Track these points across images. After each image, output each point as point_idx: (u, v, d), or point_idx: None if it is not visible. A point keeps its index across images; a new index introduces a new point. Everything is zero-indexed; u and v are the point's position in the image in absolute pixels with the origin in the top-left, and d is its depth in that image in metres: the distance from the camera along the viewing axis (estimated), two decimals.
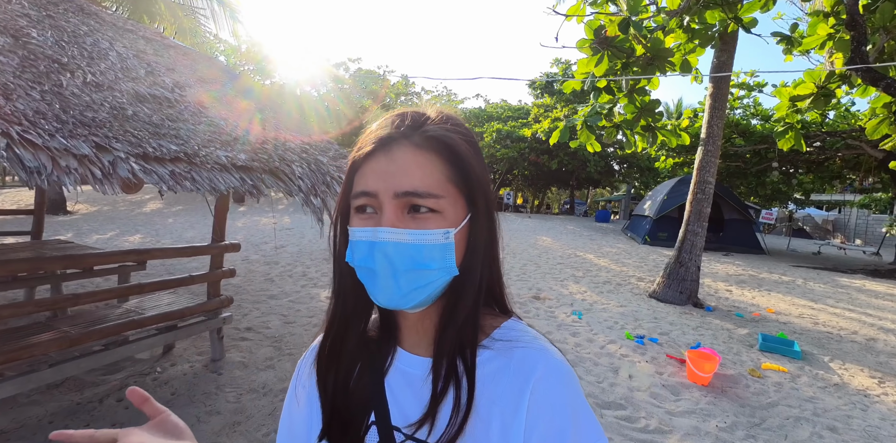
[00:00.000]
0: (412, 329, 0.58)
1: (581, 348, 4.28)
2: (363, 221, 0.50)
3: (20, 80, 1.60)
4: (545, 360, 0.52)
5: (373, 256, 0.48)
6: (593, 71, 5.50)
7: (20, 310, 2.22)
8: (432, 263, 0.49)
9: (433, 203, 0.48)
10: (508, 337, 0.55)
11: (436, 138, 0.50)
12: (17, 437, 2.52)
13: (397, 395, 0.55)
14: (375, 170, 0.49)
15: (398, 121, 0.52)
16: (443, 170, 0.50)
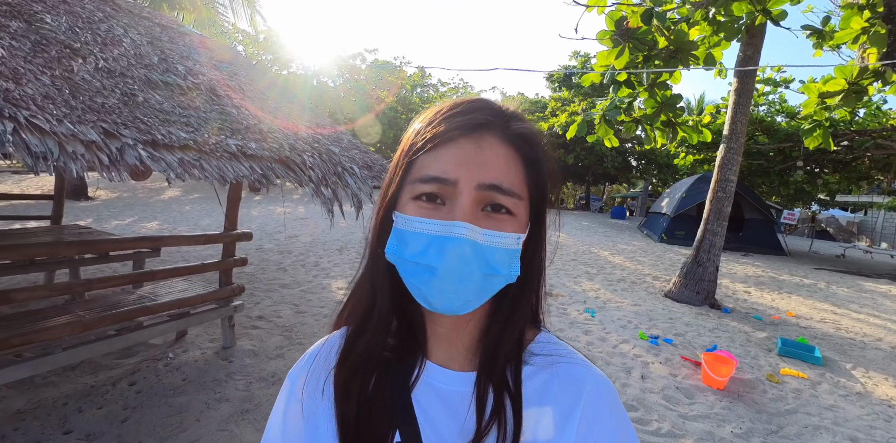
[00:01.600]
0: (444, 340, 0.53)
1: (593, 347, 4.22)
2: (427, 211, 0.45)
3: (31, 64, 1.59)
4: (593, 376, 0.51)
5: (442, 252, 0.42)
6: (613, 63, 5.35)
7: (35, 293, 2.25)
8: (501, 268, 0.45)
9: (513, 204, 0.45)
10: (547, 351, 0.53)
11: (523, 136, 0.47)
12: (33, 417, 2.57)
13: (429, 413, 0.50)
14: (458, 156, 0.44)
15: (487, 108, 0.48)
16: (522, 170, 0.47)
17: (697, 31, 5.67)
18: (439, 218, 0.44)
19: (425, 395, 0.51)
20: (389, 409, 0.50)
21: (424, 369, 0.52)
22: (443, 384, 0.51)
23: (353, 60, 20.99)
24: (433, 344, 0.53)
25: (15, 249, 2.36)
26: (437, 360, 0.53)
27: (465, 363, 0.52)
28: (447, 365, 0.52)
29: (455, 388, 0.51)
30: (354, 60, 21.04)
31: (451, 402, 0.50)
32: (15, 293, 2.11)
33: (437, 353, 0.53)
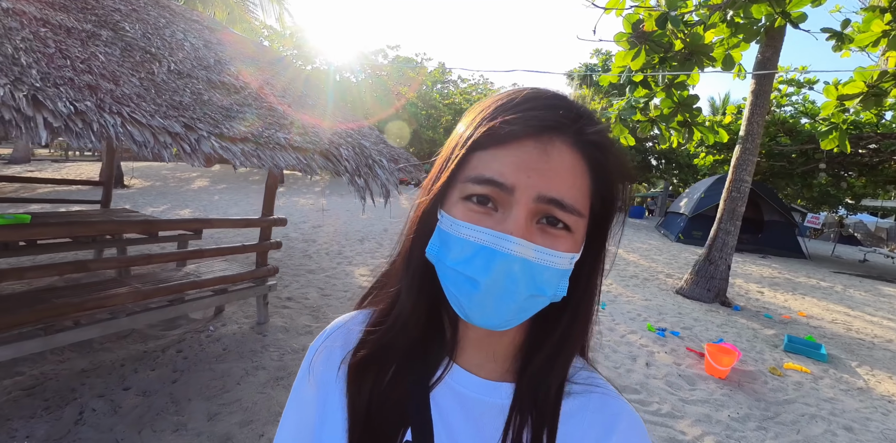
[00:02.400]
0: (474, 344, 0.50)
1: (601, 336, 4.42)
2: (477, 216, 0.41)
3: (123, 68, 1.89)
4: (628, 413, 0.49)
5: (488, 267, 0.39)
6: (630, 65, 5.49)
7: (106, 264, 2.59)
8: (548, 289, 0.41)
9: (573, 221, 0.41)
10: (582, 379, 0.50)
11: (597, 144, 0.42)
12: (95, 375, 2.92)
13: (446, 416, 0.48)
14: (520, 160, 0.40)
15: (561, 107, 0.42)
16: (589, 183, 0.42)
17: (714, 34, 5.74)
18: (489, 226, 0.40)
19: (445, 398, 0.49)
20: (405, 405, 0.48)
21: (450, 372, 0.49)
22: (466, 390, 0.49)
23: (375, 57, 21.31)
24: (463, 347, 0.50)
25: (90, 226, 2.71)
26: (464, 364, 0.50)
27: (493, 372, 0.50)
28: (474, 371, 0.50)
29: (479, 396, 0.48)
30: (376, 57, 21.36)
31: (472, 409, 0.48)
32: (91, 263, 2.45)
33: (465, 357, 0.50)
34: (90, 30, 2.04)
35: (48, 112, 1.33)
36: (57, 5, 2.06)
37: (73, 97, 1.44)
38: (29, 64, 1.47)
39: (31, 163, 17.19)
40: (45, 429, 2.37)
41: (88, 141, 1.37)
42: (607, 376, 0.55)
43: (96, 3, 2.33)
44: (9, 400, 2.57)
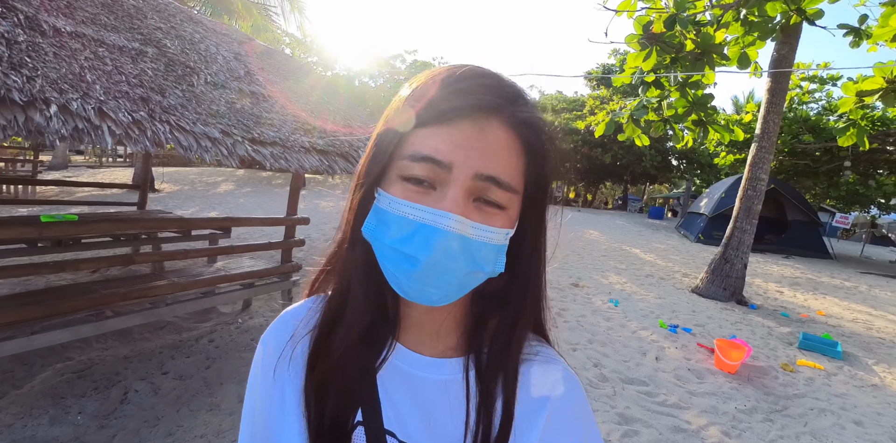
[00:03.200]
0: (416, 323, 0.50)
1: (612, 332, 4.51)
2: (415, 195, 0.41)
3: (167, 81, 2.14)
4: (563, 375, 0.50)
5: (427, 244, 0.39)
6: (641, 65, 5.58)
7: (150, 258, 2.86)
8: (486, 264, 0.42)
9: (507, 199, 0.42)
10: (528, 351, 0.51)
11: (530, 124, 0.43)
12: (137, 361, 3.19)
13: (392, 396, 0.49)
14: (457, 138, 0.40)
15: (496, 87, 0.42)
16: (523, 161, 0.43)
17: (728, 33, 5.76)
18: (428, 204, 0.40)
19: (391, 377, 0.49)
20: (354, 387, 0.48)
21: (395, 352, 0.50)
22: (411, 368, 0.50)
23: (394, 61, 21.67)
24: (405, 327, 0.51)
25: (135, 222, 3.00)
26: (408, 343, 0.51)
27: (435, 350, 0.50)
28: (417, 349, 0.50)
29: (423, 373, 0.49)
30: (394, 61, 21.73)
31: (417, 387, 0.49)
32: (137, 257, 2.71)
33: (408, 336, 0.51)
34: (138, 48, 2.31)
35: (111, 121, 1.56)
36: (109, 26, 2.33)
37: (130, 108, 1.68)
38: (93, 80, 1.72)
39: (69, 169, 18.08)
40: (95, 406, 2.63)
41: (143, 146, 1.61)
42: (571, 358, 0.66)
43: (141, 23, 2.61)
44: (62, 381, 2.86)
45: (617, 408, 3.05)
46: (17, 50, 1.62)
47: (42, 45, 1.72)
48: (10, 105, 1.34)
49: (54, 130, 1.39)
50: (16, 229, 2.43)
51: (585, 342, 4.14)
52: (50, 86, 1.51)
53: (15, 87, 1.40)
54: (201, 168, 19.82)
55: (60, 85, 1.56)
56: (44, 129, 1.37)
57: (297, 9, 11.65)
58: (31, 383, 2.80)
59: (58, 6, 2.12)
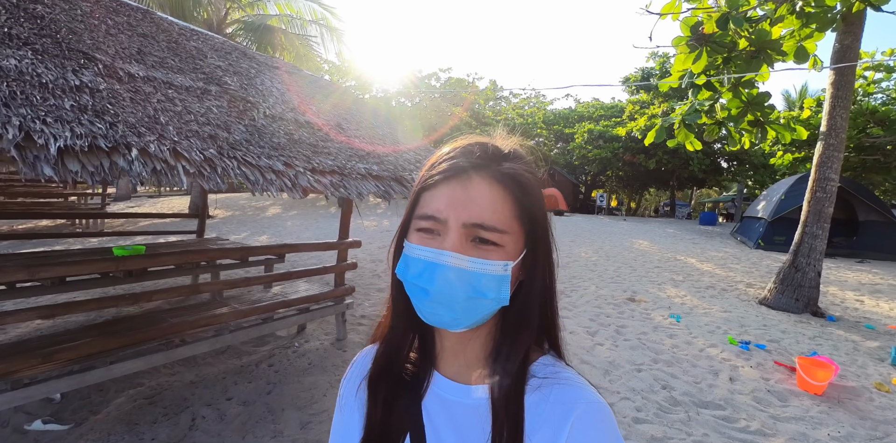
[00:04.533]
0: (451, 353, 0.59)
1: (678, 350, 4.25)
2: (425, 241, 0.52)
3: (231, 117, 2.24)
4: (585, 398, 0.52)
5: (432, 277, 0.49)
6: (691, 68, 5.36)
7: (215, 287, 2.96)
8: (489, 292, 0.50)
9: (497, 237, 0.50)
10: (545, 373, 0.55)
11: (510, 176, 0.52)
12: (203, 386, 3.28)
13: (434, 420, 0.56)
14: (448, 196, 0.51)
15: (477, 151, 0.53)
16: (511, 207, 0.51)
17: (783, 27, 5.46)
18: (434, 246, 0.50)
19: (433, 403, 0.57)
20: (405, 414, 0.57)
21: (433, 380, 0.59)
22: (447, 395, 0.57)
23: (428, 80, 22.08)
24: (442, 357, 0.59)
25: (201, 253, 3.13)
26: (445, 372, 0.59)
27: (469, 377, 0.57)
28: (453, 377, 0.58)
29: (458, 399, 0.56)
30: (429, 80, 22.13)
31: (453, 411, 0.56)
32: (202, 286, 2.81)
33: (445, 366, 0.59)
34: (202, 86, 2.44)
35: (185, 161, 1.63)
36: (176, 68, 2.48)
37: (200, 147, 1.76)
38: (166, 122, 1.81)
39: (132, 199, 19.42)
40: (166, 433, 2.71)
41: (215, 183, 1.66)
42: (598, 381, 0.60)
43: (203, 63, 2.77)
44: (135, 407, 2.97)
45: (694, 435, 2.83)
46: (100, 98, 1.73)
47: (120, 92, 1.84)
48: (97, 151, 1.43)
49: (136, 173, 1.46)
50: (96, 265, 2.57)
51: (650, 362, 3.91)
52: (129, 130, 1.60)
53: (100, 134, 1.49)
54: (250, 194, 20.76)
55: (139, 128, 1.64)
56: (126, 172, 1.45)
57: (335, 37, 12.15)
58: (106, 409, 2.92)
59: (130, 53, 2.28)
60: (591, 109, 29.01)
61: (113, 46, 2.26)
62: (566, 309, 5.50)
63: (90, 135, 1.45)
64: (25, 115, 1.38)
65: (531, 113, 29.89)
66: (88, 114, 1.57)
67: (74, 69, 1.82)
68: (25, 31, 1.91)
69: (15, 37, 1.82)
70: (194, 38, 3.23)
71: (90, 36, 2.22)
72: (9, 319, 2.22)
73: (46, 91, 1.58)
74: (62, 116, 1.48)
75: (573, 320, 5.04)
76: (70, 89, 1.68)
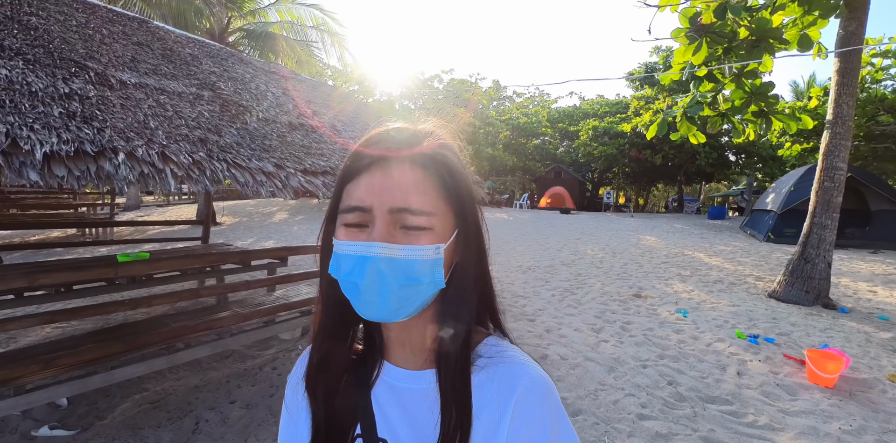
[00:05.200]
0: (397, 342, 0.58)
1: (685, 345, 4.19)
2: (352, 235, 0.50)
3: (222, 121, 2.26)
4: (527, 374, 0.52)
5: (363, 270, 0.48)
6: (691, 60, 5.31)
7: (214, 291, 2.97)
8: (423, 277, 0.49)
9: (425, 221, 0.49)
10: (491, 353, 0.55)
11: (431, 157, 0.51)
12: (206, 390, 3.30)
13: (384, 408, 0.56)
14: (370, 185, 0.50)
15: (395, 136, 0.53)
16: (436, 188, 0.51)
17: (784, 15, 5.38)
18: (362, 239, 0.49)
19: (382, 392, 0.57)
20: (353, 406, 0.57)
21: (383, 369, 0.59)
22: (397, 382, 0.57)
23: (431, 82, 22.13)
24: (389, 347, 0.59)
25: (200, 258, 3.15)
26: (394, 360, 0.59)
27: (417, 363, 0.57)
28: (401, 365, 0.58)
29: (407, 385, 0.56)
30: (432, 82, 22.18)
31: (403, 398, 0.56)
32: (203, 290, 2.83)
33: (393, 354, 0.59)
34: (195, 92, 2.46)
35: (174, 164, 1.65)
36: (169, 75, 2.51)
37: (189, 150, 1.77)
38: (156, 126, 1.83)
39: (141, 208, 19.67)
40: (170, 437, 2.72)
41: (203, 185, 1.68)
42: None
43: (197, 69, 2.80)
44: (140, 412, 2.99)
45: (700, 431, 2.79)
46: (89, 104, 1.76)
47: (110, 98, 1.86)
48: (83, 156, 1.45)
49: (122, 176, 1.48)
50: (95, 271, 2.60)
51: (656, 358, 3.86)
52: (118, 135, 1.62)
53: (87, 139, 1.51)
54: (257, 200, 20.94)
55: (127, 133, 1.67)
56: (113, 176, 1.46)
57: (336, 42, 12.22)
58: (112, 414, 2.95)
59: (123, 61, 2.31)
60: (595, 106, 28.86)
61: (106, 55, 2.29)
62: (571, 307, 5.46)
63: (77, 140, 1.47)
64: (13, 122, 1.41)
65: (535, 112, 29.82)
66: (76, 120, 1.60)
67: (65, 77, 1.85)
68: (18, 41, 1.95)
69: (7, 48, 1.86)
70: (190, 45, 3.27)
71: (84, 45, 2.26)
72: (11, 325, 2.25)
73: (35, 99, 1.61)
74: (50, 122, 1.50)
75: (578, 318, 5.00)
76: (59, 97, 1.71)
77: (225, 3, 11.10)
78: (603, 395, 3.20)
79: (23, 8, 2.28)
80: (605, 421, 2.88)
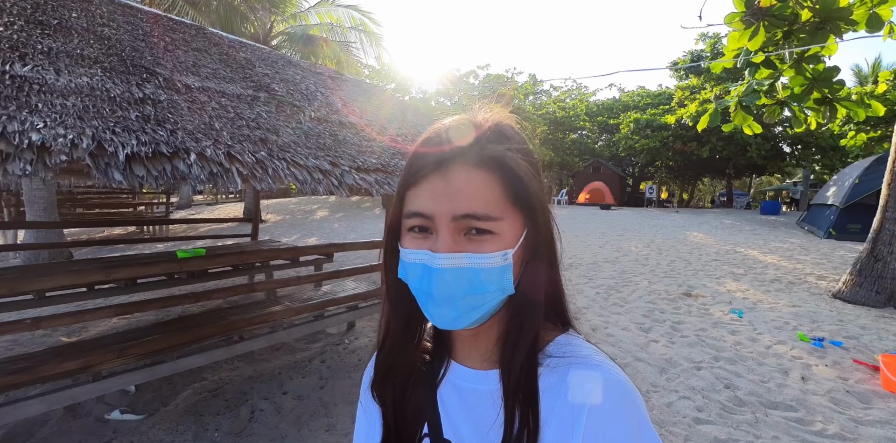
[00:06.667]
0: (465, 342, 0.58)
1: (742, 347, 4.00)
2: (417, 242, 0.50)
3: (279, 121, 2.35)
4: (603, 378, 0.48)
5: (430, 280, 0.48)
6: (747, 45, 5.01)
7: (268, 286, 3.09)
8: (490, 285, 0.48)
9: (491, 225, 0.47)
10: (562, 352, 0.52)
11: (493, 157, 0.49)
12: (260, 381, 3.44)
13: (449, 408, 0.56)
14: (431, 191, 0.48)
15: (453, 137, 0.50)
16: (501, 189, 0.48)
17: None
18: (427, 247, 0.48)
19: (448, 392, 0.57)
20: (421, 405, 0.57)
21: (450, 369, 0.58)
22: (462, 382, 0.56)
23: (467, 78, 22.06)
24: (458, 347, 0.59)
25: (254, 254, 3.29)
26: (461, 360, 0.58)
27: (483, 363, 0.56)
28: (468, 364, 0.57)
29: (472, 385, 0.55)
30: (468, 78, 22.11)
31: (468, 398, 0.55)
32: (257, 285, 2.95)
33: (461, 354, 0.58)
34: (252, 94, 2.57)
35: (239, 163, 1.72)
36: (227, 78, 2.63)
37: (252, 149, 1.85)
38: (221, 127, 1.92)
39: (192, 207, 20.71)
40: (228, 424, 2.86)
41: (267, 183, 1.74)
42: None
43: (252, 72, 2.92)
44: (200, 400, 3.15)
45: (763, 438, 2.65)
46: (160, 108, 1.86)
47: (178, 101, 1.97)
48: (160, 157, 1.53)
49: (195, 175, 1.56)
50: (160, 266, 2.76)
51: (710, 360, 3.70)
52: (188, 136, 1.71)
53: (162, 141, 1.60)
54: (299, 198, 21.60)
55: (196, 135, 1.75)
56: (186, 175, 1.54)
57: (373, 41, 12.39)
58: (175, 401, 3.12)
59: (186, 67, 2.43)
60: (636, 98, 27.89)
61: (171, 61, 2.42)
62: (617, 305, 5.32)
63: (153, 142, 1.56)
64: (97, 126, 1.51)
65: (573, 105, 29.14)
66: (151, 123, 1.69)
67: (138, 83, 1.97)
68: (95, 51, 2.09)
69: (87, 57, 2.00)
70: (243, 49, 3.40)
71: (151, 52, 2.40)
72: (88, 316, 2.42)
73: (114, 104, 1.72)
74: (129, 125, 1.60)
75: (625, 317, 4.86)
76: (135, 101, 1.82)
77: (268, 8, 11.47)
78: (655, 397, 3.10)
79: (96, 19, 2.45)
80: (659, 424, 2.79)
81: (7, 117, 1.35)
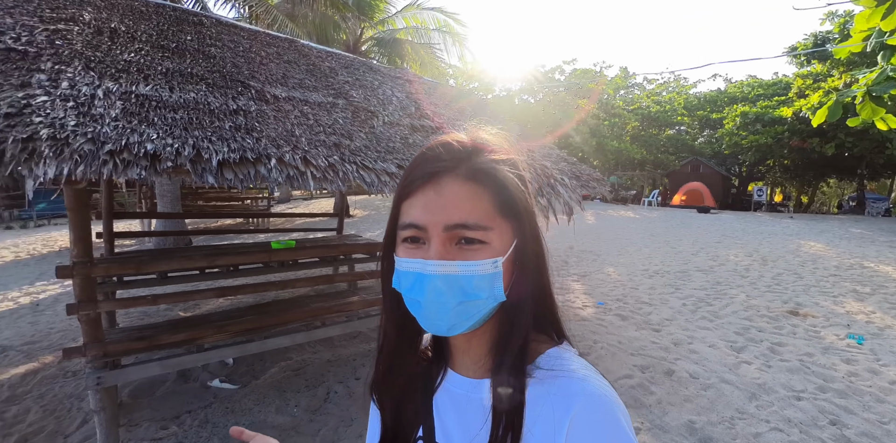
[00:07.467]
0: (460, 350, 0.60)
1: (858, 379, 3.45)
2: (410, 252, 0.52)
3: (353, 126, 2.52)
4: (586, 390, 0.49)
5: (422, 288, 0.50)
6: (879, 26, 4.29)
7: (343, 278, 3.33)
8: (481, 292, 0.50)
9: (482, 235, 0.50)
10: (551, 365, 0.53)
11: (483, 171, 0.52)
12: (336, 366, 3.69)
13: (442, 413, 0.59)
14: (424, 202, 0.51)
15: (444, 152, 0.53)
16: (491, 201, 0.51)
17: None
18: (420, 256, 0.51)
19: (442, 398, 0.60)
20: (418, 409, 0.61)
21: (447, 376, 0.61)
22: (456, 389, 0.59)
23: (552, 74, 21.47)
24: (454, 355, 0.61)
25: (334, 248, 3.54)
26: (456, 368, 0.61)
27: (477, 371, 0.58)
28: (463, 372, 0.60)
29: (465, 393, 0.58)
30: (553, 74, 21.51)
31: (460, 405, 0.57)
32: (335, 277, 3.18)
33: (457, 362, 0.61)
34: (331, 101, 2.78)
35: (313, 167, 1.89)
36: (311, 87, 2.88)
37: (326, 154, 2.01)
38: (300, 134, 2.12)
39: (291, 201, 22.70)
40: (307, 401, 3.12)
41: (337, 185, 1.89)
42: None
43: (334, 80, 3.15)
44: (284, 377, 3.48)
45: None
46: (250, 118, 2.10)
47: (266, 112, 2.20)
48: (245, 162, 1.74)
49: (273, 178, 1.74)
50: (255, 255, 3.09)
51: (815, 390, 3.25)
52: (270, 143, 1.91)
53: (248, 148, 1.82)
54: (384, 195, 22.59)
55: (278, 141, 1.96)
56: (266, 178, 1.73)
57: (457, 42, 12.57)
58: (264, 376, 3.49)
59: (276, 78, 2.70)
60: (745, 89, 25.09)
61: (264, 74, 2.71)
62: (706, 319, 4.88)
63: (241, 149, 1.77)
64: (198, 136, 1.76)
65: (669, 99, 27.01)
66: (241, 132, 1.92)
67: (234, 96, 2.24)
68: (202, 69, 2.41)
69: (195, 75, 2.32)
70: (329, 58, 3.67)
71: (247, 67, 2.70)
72: (196, 296, 2.80)
73: (213, 115, 1.98)
74: (222, 135, 1.84)
75: (714, 332, 4.45)
76: (230, 113, 2.08)
77: (358, 16, 12.14)
78: (741, 425, 2.81)
79: (205, 40, 2.83)
80: None
81: (130, 131, 1.63)
